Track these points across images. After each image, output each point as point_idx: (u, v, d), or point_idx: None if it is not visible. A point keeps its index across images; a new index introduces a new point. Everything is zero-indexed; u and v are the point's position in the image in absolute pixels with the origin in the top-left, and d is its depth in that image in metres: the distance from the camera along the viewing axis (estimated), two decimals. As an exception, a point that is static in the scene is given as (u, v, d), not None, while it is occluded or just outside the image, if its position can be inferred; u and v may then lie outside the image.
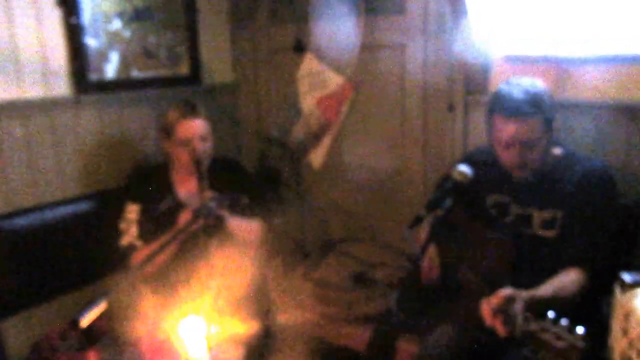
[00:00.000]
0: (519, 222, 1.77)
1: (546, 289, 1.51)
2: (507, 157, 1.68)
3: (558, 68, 2.06)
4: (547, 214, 1.71)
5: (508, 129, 1.63)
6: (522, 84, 1.65)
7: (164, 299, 1.98)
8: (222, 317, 1.68)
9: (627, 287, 1.23)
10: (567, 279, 1.58)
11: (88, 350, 1.85)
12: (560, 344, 1.14)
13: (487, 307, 1.40)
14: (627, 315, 1.20)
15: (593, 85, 2.02)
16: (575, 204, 1.65)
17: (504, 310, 1.37)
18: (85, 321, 1.26)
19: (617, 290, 1.26)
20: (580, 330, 1.13)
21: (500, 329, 1.39)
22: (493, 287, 1.49)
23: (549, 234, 1.71)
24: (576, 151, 1.80)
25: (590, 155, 1.76)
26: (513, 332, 1.36)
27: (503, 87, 1.68)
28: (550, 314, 1.20)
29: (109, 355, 1.87)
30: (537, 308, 1.30)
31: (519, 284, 1.62)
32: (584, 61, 2.02)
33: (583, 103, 2.02)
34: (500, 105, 1.65)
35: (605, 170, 1.69)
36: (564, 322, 1.16)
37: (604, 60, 2.00)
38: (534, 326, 1.22)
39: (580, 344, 1.12)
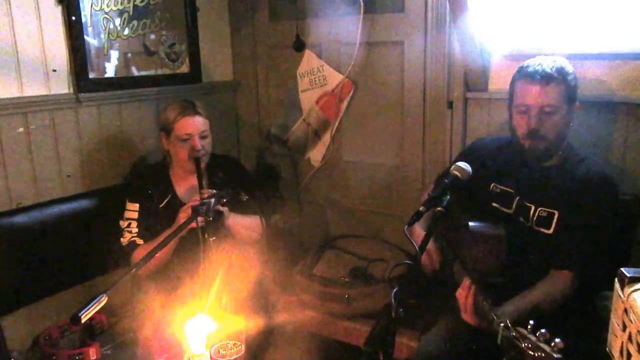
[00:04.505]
0: (519, 214, 1.78)
1: (530, 298, 1.55)
2: (524, 124, 1.70)
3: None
4: (543, 212, 1.72)
5: (530, 92, 1.66)
6: (549, 57, 1.70)
7: (165, 296, 1.99)
8: (223, 314, 1.68)
9: (626, 281, 1.23)
10: (553, 287, 1.60)
11: (88, 346, 1.85)
12: (537, 355, 1.14)
13: (461, 298, 1.48)
14: (627, 310, 1.20)
15: (592, 81, 2.02)
16: (572, 207, 1.66)
17: (474, 302, 1.44)
18: (86, 317, 1.26)
19: (617, 285, 1.26)
20: (558, 341, 1.13)
21: (469, 319, 1.47)
22: (485, 282, 1.51)
23: (545, 231, 1.72)
24: (579, 148, 1.80)
25: (593, 157, 1.77)
26: (482, 324, 1.44)
27: (530, 59, 1.72)
28: (531, 322, 1.21)
29: (109, 351, 1.87)
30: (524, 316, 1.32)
31: (513, 276, 1.63)
32: (584, 58, 2.02)
33: (582, 99, 2.02)
34: (525, 71, 1.69)
35: (607, 177, 1.69)
36: (543, 331, 1.16)
37: (604, 57, 2.00)
38: (513, 333, 1.22)
39: (557, 356, 1.11)
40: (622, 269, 1.24)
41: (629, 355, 1.16)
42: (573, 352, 1.14)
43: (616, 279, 1.26)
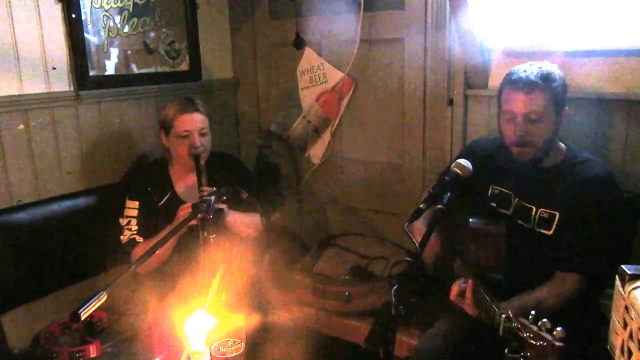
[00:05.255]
0: (518, 216, 1.77)
1: (537, 297, 1.55)
2: (510, 131, 1.69)
3: (557, 62, 2.05)
4: (544, 213, 1.71)
5: (515, 99, 1.66)
6: (536, 63, 1.69)
7: (165, 293, 1.99)
8: (223, 310, 1.68)
9: (627, 279, 1.23)
10: (561, 289, 1.59)
11: (89, 343, 1.85)
12: (539, 344, 1.14)
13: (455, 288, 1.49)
14: (627, 308, 1.20)
15: (592, 78, 2.02)
16: (574, 208, 1.65)
17: (474, 294, 1.44)
18: (86, 314, 1.26)
19: (618, 283, 1.26)
20: (559, 329, 1.13)
21: (470, 310, 1.46)
22: (486, 279, 1.51)
23: (546, 232, 1.71)
24: (580, 149, 1.79)
25: (593, 157, 1.75)
26: (481, 315, 1.43)
27: (518, 66, 1.72)
28: (532, 313, 1.20)
29: (110, 349, 1.87)
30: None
31: (515, 277, 1.63)
32: (583, 55, 2.02)
33: (582, 97, 2.02)
34: (511, 79, 1.69)
35: (608, 178, 1.68)
36: (544, 321, 1.16)
37: (603, 54, 2.00)
38: (515, 324, 1.22)
39: (559, 344, 1.11)
40: (623, 266, 1.24)
41: (630, 352, 1.16)
42: (574, 350, 1.14)
43: (617, 277, 1.26)
